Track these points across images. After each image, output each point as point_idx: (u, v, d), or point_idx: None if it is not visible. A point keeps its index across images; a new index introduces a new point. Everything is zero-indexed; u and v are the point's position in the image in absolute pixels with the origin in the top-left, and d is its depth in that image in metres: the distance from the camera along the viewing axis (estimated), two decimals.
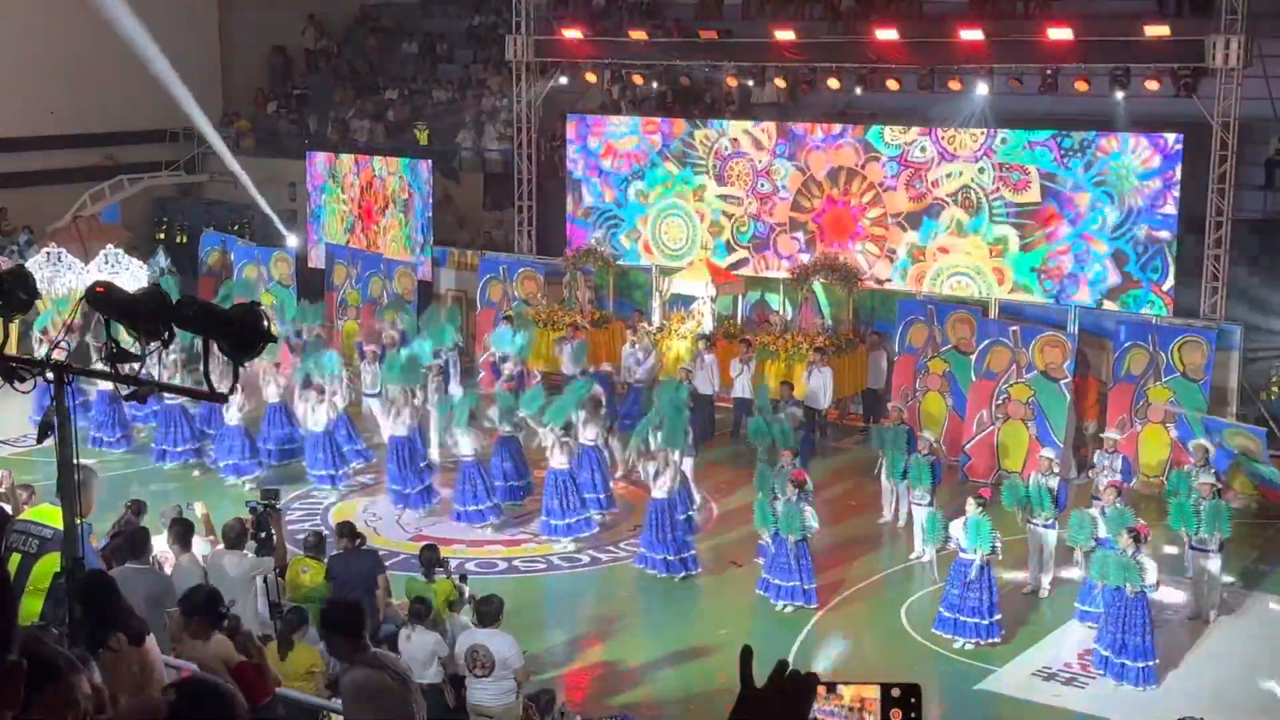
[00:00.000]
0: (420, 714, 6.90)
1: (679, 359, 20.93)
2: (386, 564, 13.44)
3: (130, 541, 9.92)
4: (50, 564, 7.62)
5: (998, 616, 13.85)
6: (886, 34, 21.87)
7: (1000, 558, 14.05)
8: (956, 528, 14.03)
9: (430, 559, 12.81)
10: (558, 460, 16.42)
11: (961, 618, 13.81)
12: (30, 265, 21.72)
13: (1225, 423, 17.64)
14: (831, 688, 2.37)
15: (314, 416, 18.05)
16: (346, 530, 12.91)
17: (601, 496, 17.09)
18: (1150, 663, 12.91)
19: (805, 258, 22.08)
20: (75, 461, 6.03)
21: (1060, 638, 14.14)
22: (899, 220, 21.68)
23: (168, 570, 10.97)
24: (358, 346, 21.34)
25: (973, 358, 19.45)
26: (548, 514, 16.48)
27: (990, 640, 13.79)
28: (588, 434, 17.14)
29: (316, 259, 26.39)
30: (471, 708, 11.07)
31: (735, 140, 23.14)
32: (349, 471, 18.42)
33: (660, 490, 15.50)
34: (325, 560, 12.61)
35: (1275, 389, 19.35)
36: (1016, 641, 13.96)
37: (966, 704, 12.87)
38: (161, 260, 25.09)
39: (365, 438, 19.07)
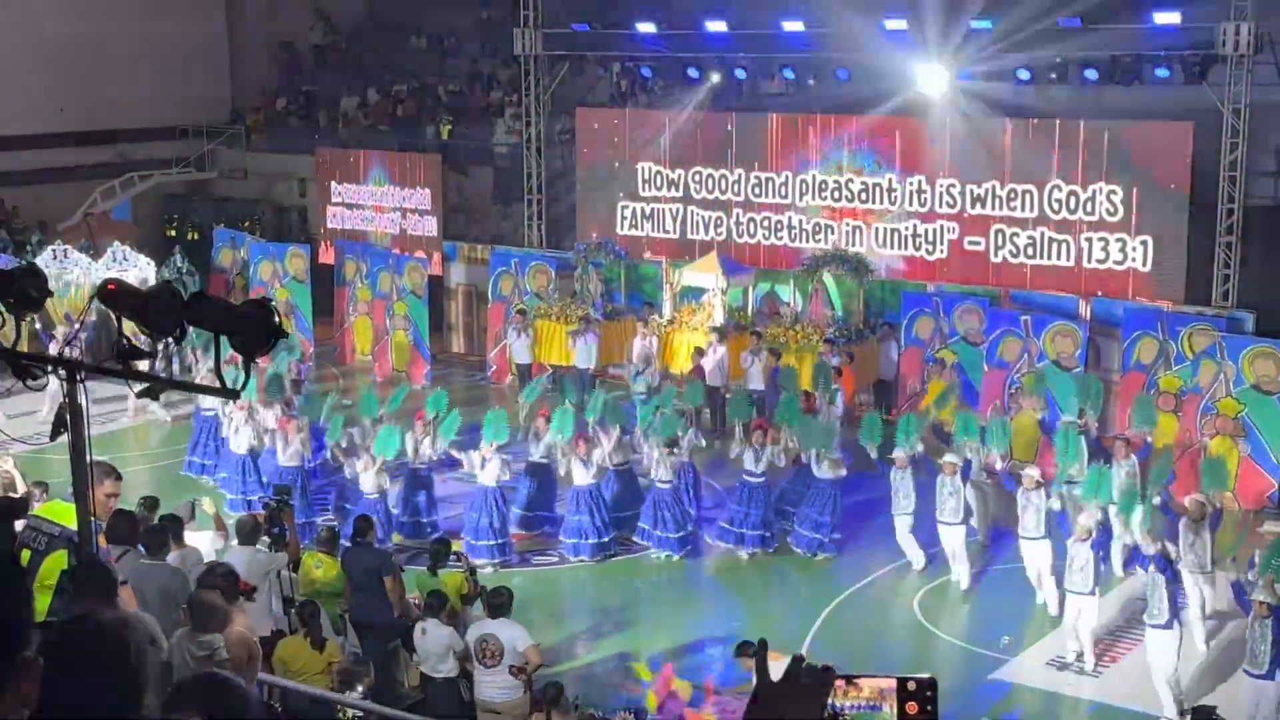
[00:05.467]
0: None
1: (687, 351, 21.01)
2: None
3: (147, 538, 9.93)
4: (58, 561, 7.64)
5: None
6: (895, 24, 21.80)
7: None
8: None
9: (437, 552, 12.83)
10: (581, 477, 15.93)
11: (747, 531, 15.49)
12: (38, 263, 21.84)
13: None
14: (850, 680, 2.36)
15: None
16: (361, 526, 12.89)
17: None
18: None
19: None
20: (89, 459, 6.02)
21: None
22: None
23: None
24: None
25: (983, 348, 19.43)
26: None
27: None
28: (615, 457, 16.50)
29: (327, 254, 26.41)
30: (480, 703, 11.07)
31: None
32: None
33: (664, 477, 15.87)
34: (338, 555, 12.62)
35: None
36: (1029, 632, 13.94)
37: (980, 693, 12.85)
38: (179, 260, 25.14)
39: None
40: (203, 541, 12.33)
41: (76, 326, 17.91)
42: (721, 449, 17.74)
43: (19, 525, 9.25)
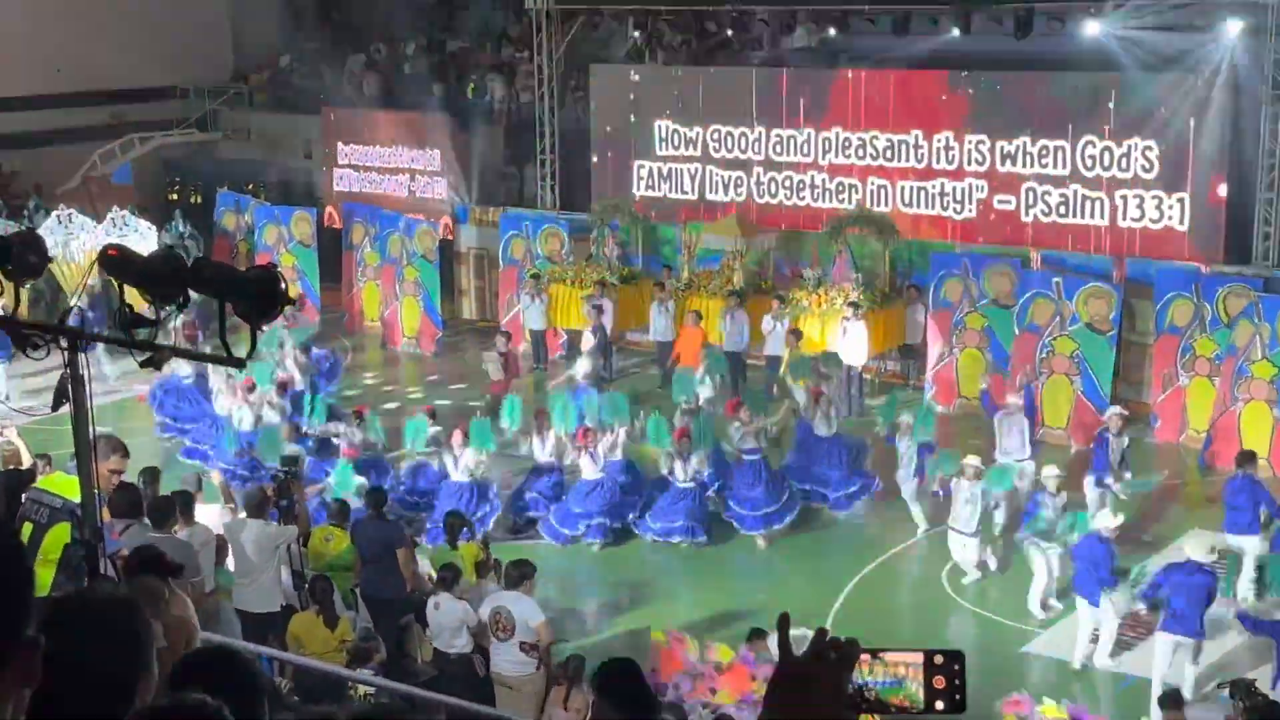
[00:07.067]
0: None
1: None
2: None
3: (152, 510, 9.97)
4: (60, 534, 7.69)
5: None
6: None
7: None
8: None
9: (453, 524, 12.86)
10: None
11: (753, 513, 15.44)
12: (43, 230, 21.89)
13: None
14: (875, 655, 2.36)
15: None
16: (374, 498, 12.91)
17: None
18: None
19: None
20: (91, 430, 6.05)
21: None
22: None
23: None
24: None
25: (1014, 311, 19.36)
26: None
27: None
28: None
29: (334, 218, 26.43)
30: (494, 677, 11.12)
31: None
32: None
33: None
34: (348, 528, 12.68)
35: None
36: (1064, 603, 13.91)
37: (1011, 668, 12.86)
38: (180, 225, 25.17)
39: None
40: (210, 515, 12.41)
41: (77, 294, 17.97)
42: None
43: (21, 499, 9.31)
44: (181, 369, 18.09)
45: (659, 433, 15.89)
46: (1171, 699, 10.66)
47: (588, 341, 19.97)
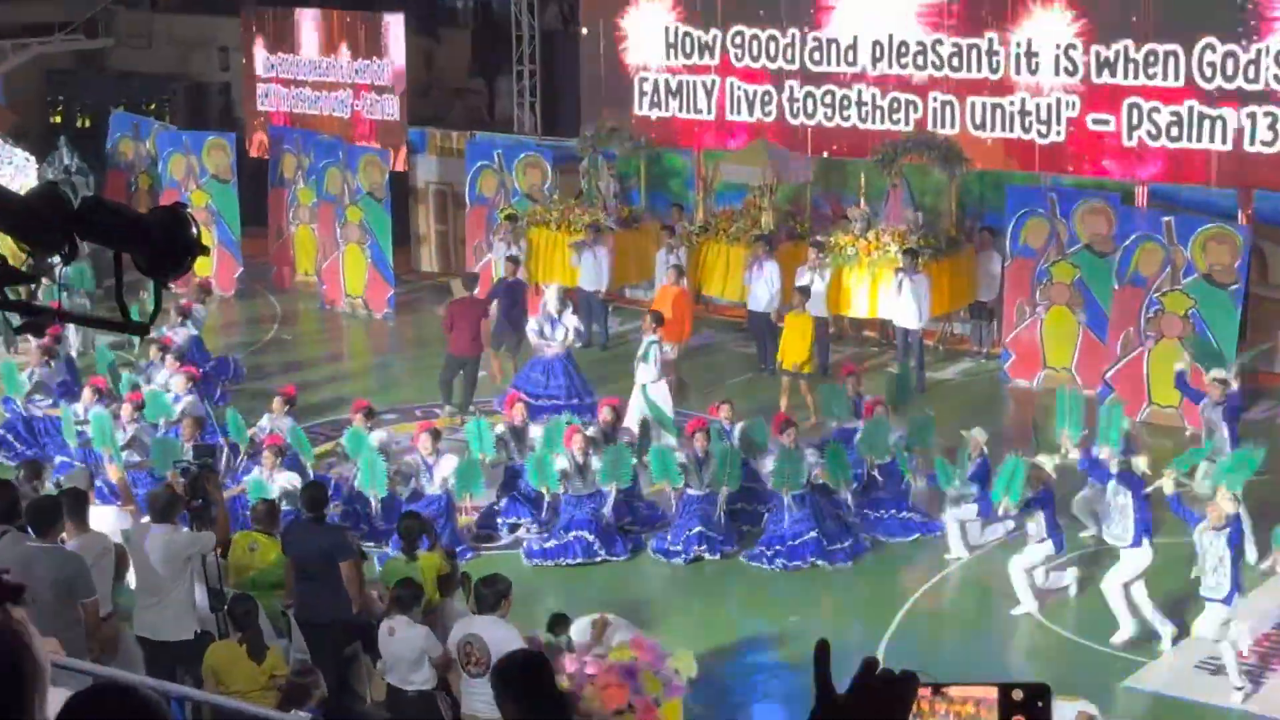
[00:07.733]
0: None
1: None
2: None
3: (33, 514, 9.98)
4: None
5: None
6: None
7: None
8: None
9: (411, 528, 12.84)
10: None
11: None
12: None
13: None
14: (938, 690, 2.37)
15: None
16: (314, 496, 12.85)
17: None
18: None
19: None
20: None
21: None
22: None
23: None
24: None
25: (1113, 258, 19.35)
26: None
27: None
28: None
29: (258, 145, 26.42)
30: (465, 719, 11.14)
31: None
32: None
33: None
34: (278, 535, 12.69)
35: None
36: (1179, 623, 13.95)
37: (1112, 706, 12.90)
38: (65, 156, 25.19)
39: None
40: (105, 519, 12.43)
41: None
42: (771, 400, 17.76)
43: None
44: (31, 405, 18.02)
45: (665, 466, 16.00)
46: None
47: (553, 301, 19.59)
